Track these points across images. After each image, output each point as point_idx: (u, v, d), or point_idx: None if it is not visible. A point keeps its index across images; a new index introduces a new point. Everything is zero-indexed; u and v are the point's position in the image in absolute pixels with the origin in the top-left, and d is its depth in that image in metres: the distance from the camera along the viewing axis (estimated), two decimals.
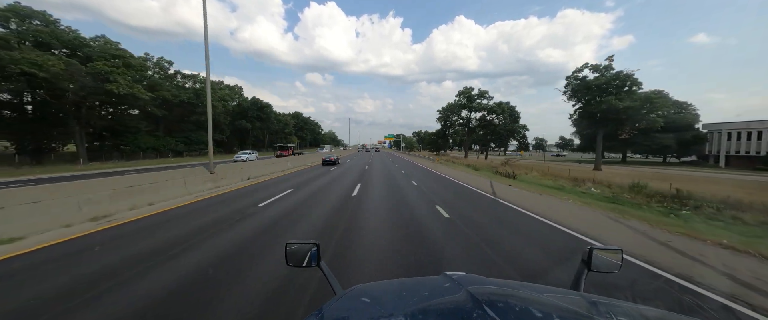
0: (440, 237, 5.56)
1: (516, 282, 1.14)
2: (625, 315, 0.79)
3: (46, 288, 3.45)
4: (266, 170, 17.19)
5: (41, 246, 4.82)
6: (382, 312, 0.87)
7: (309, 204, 8.47)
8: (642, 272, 4.18)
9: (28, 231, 5.26)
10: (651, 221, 7.14)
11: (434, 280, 1.13)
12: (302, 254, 1.35)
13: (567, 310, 0.83)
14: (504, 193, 11.53)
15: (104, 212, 6.73)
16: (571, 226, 6.55)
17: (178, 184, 9.61)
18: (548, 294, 0.96)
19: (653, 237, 5.85)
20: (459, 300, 0.88)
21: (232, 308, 3.01)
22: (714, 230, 6.60)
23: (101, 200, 6.90)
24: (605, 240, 5.68)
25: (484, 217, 7.30)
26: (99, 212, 6.62)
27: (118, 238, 5.31)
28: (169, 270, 3.94)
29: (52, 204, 5.93)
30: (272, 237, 5.45)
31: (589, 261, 1.24)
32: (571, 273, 1.31)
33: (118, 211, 7.03)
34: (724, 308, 3.27)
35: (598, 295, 0.96)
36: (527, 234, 5.99)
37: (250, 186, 12.44)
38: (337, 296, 1.06)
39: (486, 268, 4.15)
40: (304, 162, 26.32)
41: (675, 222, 7.38)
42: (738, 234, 6.30)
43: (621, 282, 3.72)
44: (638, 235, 6.06)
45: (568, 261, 4.51)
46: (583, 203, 9.60)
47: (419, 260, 4.41)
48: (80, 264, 4.12)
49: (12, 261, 4.26)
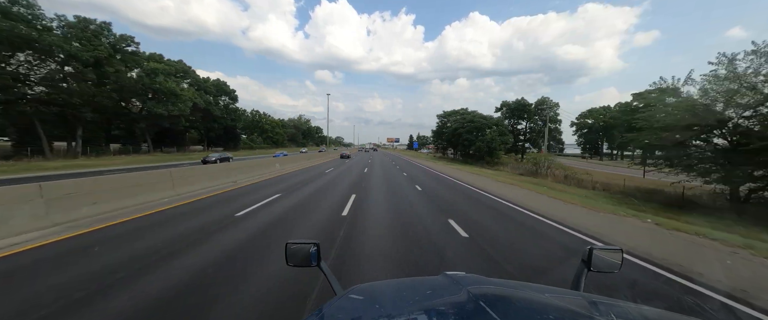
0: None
1: (516, 282, 1.14)
2: (625, 315, 0.80)
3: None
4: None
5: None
6: (382, 312, 0.87)
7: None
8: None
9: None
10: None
11: (434, 280, 1.13)
12: (303, 254, 1.34)
13: (567, 310, 0.84)
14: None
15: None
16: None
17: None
18: (548, 294, 0.96)
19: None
20: (459, 300, 0.88)
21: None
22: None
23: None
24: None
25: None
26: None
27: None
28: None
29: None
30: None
31: (589, 261, 1.25)
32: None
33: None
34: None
35: (598, 295, 0.97)
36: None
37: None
38: (337, 296, 1.05)
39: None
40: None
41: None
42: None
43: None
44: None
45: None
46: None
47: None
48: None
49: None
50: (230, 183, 12.58)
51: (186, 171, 10.92)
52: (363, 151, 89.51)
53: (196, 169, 11.59)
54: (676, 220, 8.70)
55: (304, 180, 14.61)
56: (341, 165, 27.32)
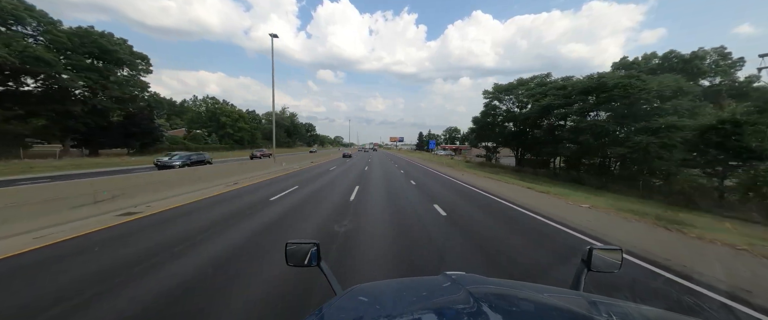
0: None
1: (516, 282, 1.14)
2: (625, 315, 0.79)
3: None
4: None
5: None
6: (381, 311, 0.87)
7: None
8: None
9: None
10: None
11: (434, 280, 1.13)
12: (302, 254, 1.33)
13: (567, 310, 0.84)
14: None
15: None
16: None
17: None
18: (548, 294, 0.96)
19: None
20: (459, 300, 0.88)
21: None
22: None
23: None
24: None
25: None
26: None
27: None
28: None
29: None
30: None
31: (589, 260, 1.24)
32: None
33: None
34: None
35: (598, 295, 0.96)
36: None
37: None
38: (337, 296, 1.06)
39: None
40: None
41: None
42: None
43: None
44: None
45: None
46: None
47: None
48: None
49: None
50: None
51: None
52: (363, 151, 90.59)
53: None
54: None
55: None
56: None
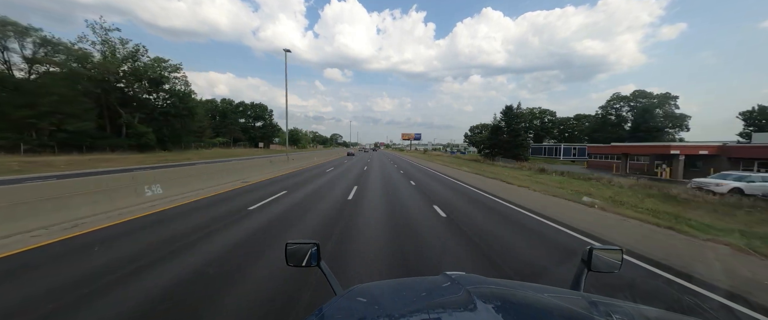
0: None
1: (516, 282, 1.13)
2: (625, 315, 0.79)
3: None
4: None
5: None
6: (382, 312, 0.87)
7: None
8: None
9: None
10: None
11: (434, 280, 1.13)
12: (302, 254, 1.34)
13: (567, 310, 0.84)
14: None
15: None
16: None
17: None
18: (548, 294, 0.96)
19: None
20: (459, 300, 0.87)
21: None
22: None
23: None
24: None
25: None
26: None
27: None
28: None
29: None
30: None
31: (589, 260, 1.24)
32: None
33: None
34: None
35: (598, 295, 0.96)
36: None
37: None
38: (337, 296, 1.06)
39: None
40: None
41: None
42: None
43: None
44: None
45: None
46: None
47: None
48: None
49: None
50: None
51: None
52: (363, 151, 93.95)
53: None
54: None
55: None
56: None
